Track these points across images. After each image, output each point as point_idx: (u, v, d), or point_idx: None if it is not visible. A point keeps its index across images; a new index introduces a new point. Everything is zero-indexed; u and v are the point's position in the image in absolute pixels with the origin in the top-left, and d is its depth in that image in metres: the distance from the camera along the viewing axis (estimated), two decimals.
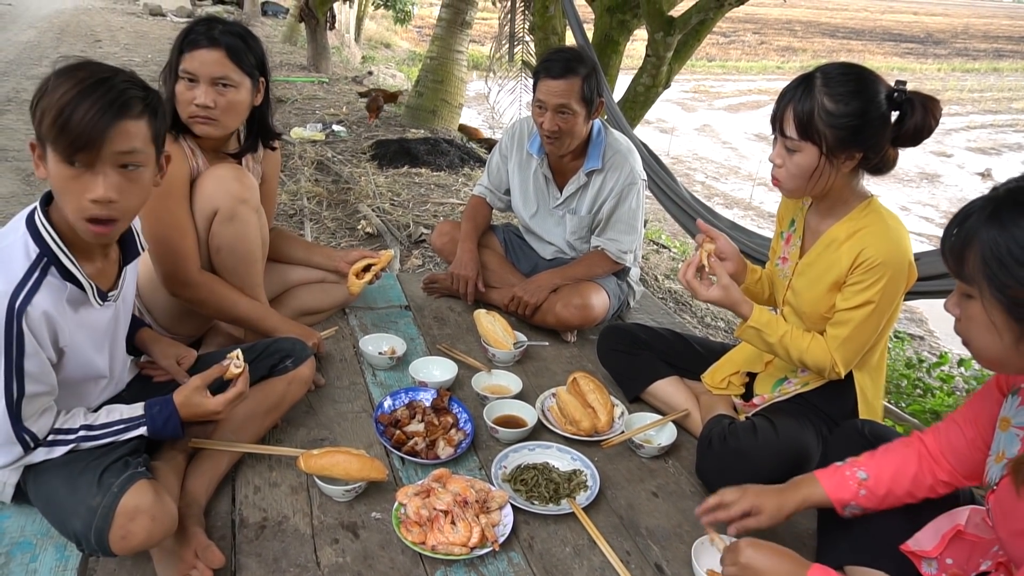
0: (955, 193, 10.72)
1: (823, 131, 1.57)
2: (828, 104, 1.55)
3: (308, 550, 1.56)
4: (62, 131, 1.25)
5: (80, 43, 10.97)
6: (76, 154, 1.27)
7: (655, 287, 4.36)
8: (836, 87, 1.56)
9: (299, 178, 5.19)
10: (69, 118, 1.24)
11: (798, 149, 1.61)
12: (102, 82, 1.28)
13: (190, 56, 1.86)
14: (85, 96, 1.26)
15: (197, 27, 1.89)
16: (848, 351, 1.71)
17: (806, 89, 1.58)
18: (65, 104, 1.25)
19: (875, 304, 1.65)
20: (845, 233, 1.69)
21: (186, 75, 1.86)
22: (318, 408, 2.07)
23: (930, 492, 1.40)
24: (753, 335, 1.78)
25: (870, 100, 1.56)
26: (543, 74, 2.38)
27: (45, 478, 1.41)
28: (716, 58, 23.78)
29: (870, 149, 1.60)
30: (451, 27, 7.75)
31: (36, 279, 1.31)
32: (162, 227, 1.88)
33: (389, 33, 19.60)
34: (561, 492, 1.77)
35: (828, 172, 1.62)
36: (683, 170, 11.36)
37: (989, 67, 26.13)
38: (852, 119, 1.55)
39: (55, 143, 1.27)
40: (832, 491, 1.42)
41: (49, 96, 1.27)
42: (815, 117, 1.56)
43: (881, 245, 1.63)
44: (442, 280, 2.84)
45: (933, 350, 5.11)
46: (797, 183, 1.66)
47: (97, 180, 1.29)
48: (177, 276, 1.94)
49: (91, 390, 1.54)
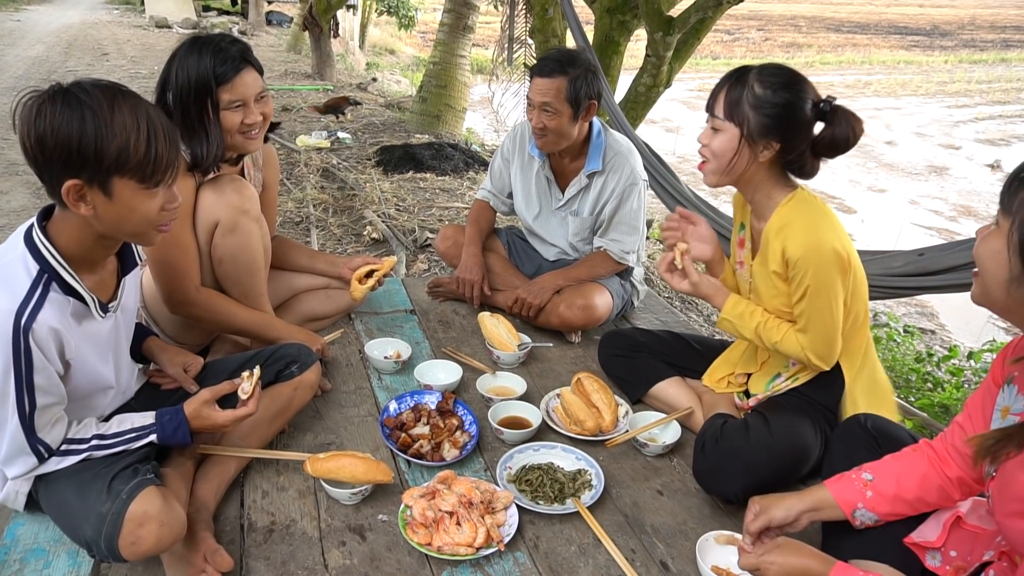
0: (964, 185, 10.64)
1: (747, 113, 1.66)
2: (757, 89, 1.65)
3: (316, 553, 1.58)
4: (155, 159, 1.30)
5: (88, 57, 11.09)
6: (165, 175, 1.35)
7: (661, 286, 4.37)
8: (768, 77, 1.66)
9: (305, 186, 5.24)
10: (157, 145, 1.30)
11: (722, 129, 1.70)
12: (140, 102, 1.32)
13: (230, 86, 1.85)
14: (154, 122, 1.31)
15: (218, 57, 1.83)
16: (814, 342, 1.76)
17: (741, 75, 1.69)
18: (148, 133, 1.29)
19: (812, 288, 1.70)
20: (775, 228, 1.75)
21: (232, 104, 1.87)
22: (325, 413, 2.09)
23: (942, 496, 1.38)
24: (729, 327, 1.87)
25: (796, 96, 1.65)
26: (534, 73, 2.44)
27: (56, 486, 1.44)
28: (721, 56, 23.71)
29: (788, 143, 1.67)
30: (453, 32, 7.78)
31: (40, 295, 1.32)
32: (164, 246, 1.88)
33: (393, 39, 19.67)
34: (566, 492, 1.78)
35: (746, 156, 1.70)
36: (690, 168, 11.33)
37: (997, 57, 25.91)
38: (775, 108, 1.64)
39: (140, 171, 1.30)
40: (839, 495, 1.41)
41: (118, 129, 1.26)
42: (743, 99, 1.66)
43: (799, 240, 1.69)
44: (447, 284, 2.86)
45: (944, 344, 5.08)
46: (718, 163, 1.73)
47: (172, 190, 1.40)
48: (175, 296, 1.95)
49: (99, 400, 1.56)
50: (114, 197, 1.31)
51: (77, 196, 1.30)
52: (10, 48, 11.46)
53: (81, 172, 1.27)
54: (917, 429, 2.88)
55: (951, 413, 3.15)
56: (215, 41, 1.87)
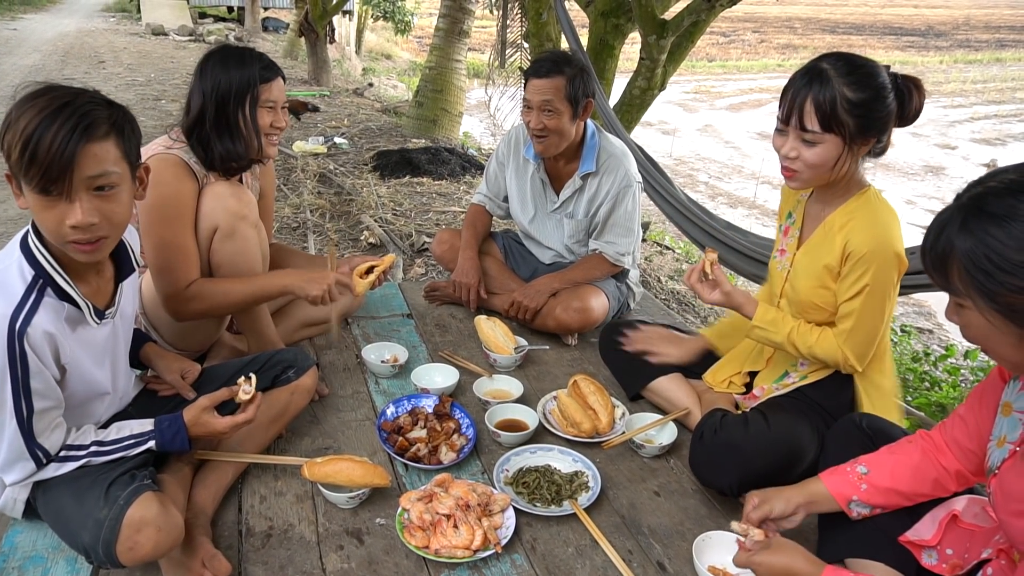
0: (960, 185, 10.62)
1: (846, 120, 1.58)
2: (848, 93, 1.57)
3: (314, 557, 1.59)
4: (31, 164, 1.23)
5: (84, 65, 11.11)
6: (49, 185, 1.25)
7: (658, 288, 4.38)
8: (851, 76, 1.58)
9: (302, 191, 5.24)
10: (36, 150, 1.23)
11: (819, 141, 1.62)
12: (62, 108, 1.26)
13: (269, 87, 1.99)
14: (48, 125, 1.23)
15: (261, 61, 1.99)
16: (857, 342, 1.73)
17: (822, 80, 1.59)
18: (29, 136, 1.23)
19: (871, 287, 1.67)
20: (840, 221, 1.72)
21: (268, 103, 2.00)
22: (322, 417, 2.09)
23: (936, 487, 1.38)
24: (761, 334, 1.82)
25: (881, 85, 1.59)
26: (530, 75, 2.44)
27: (54, 493, 1.44)
28: (716, 58, 23.78)
29: (883, 132, 1.64)
30: (449, 37, 7.80)
31: (34, 300, 1.33)
32: (165, 250, 1.89)
33: (390, 44, 19.72)
34: (563, 493, 1.78)
35: (849, 161, 1.65)
36: (686, 171, 11.37)
37: (991, 57, 26.00)
38: (871, 106, 1.59)
39: (26, 176, 1.26)
40: (834, 487, 1.42)
41: (13, 128, 1.25)
42: (838, 107, 1.58)
43: (867, 235, 1.65)
44: (443, 288, 2.86)
45: (942, 343, 5.10)
46: (815, 172, 1.67)
47: (74, 207, 1.28)
48: (173, 298, 1.94)
49: (96, 406, 1.56)
50: (26, 196, 1.31)
51: (15, 187, 1.32)
52: (6, 57, 11.47)
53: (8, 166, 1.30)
54: (914, 429, 2.89)
55: (948, 412, 3.16)
56: (250, 51, 2.02)
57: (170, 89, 9.35)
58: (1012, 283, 1.00)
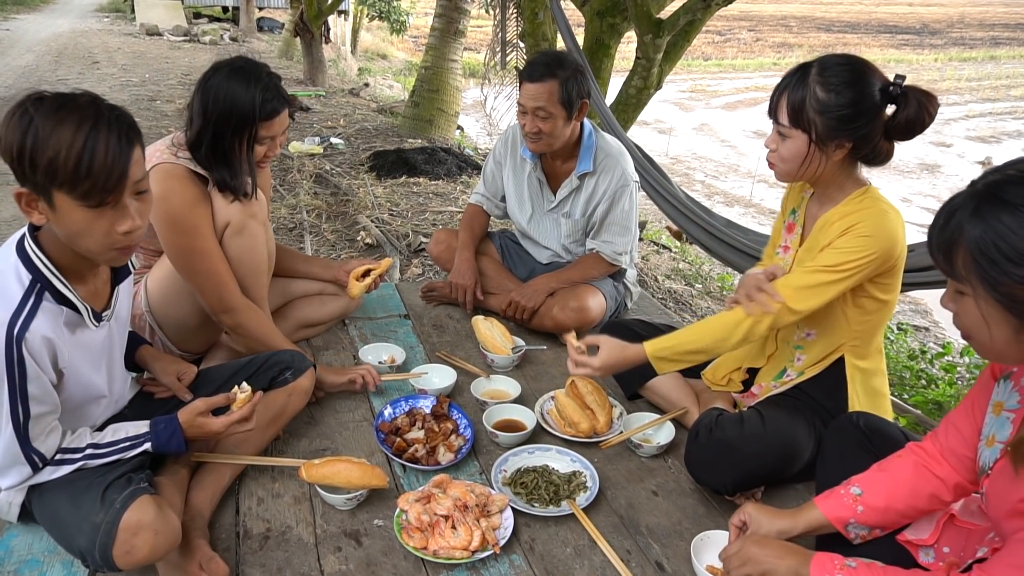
0: (956, 183, 10.70)
1: (813, 119, 1.60)
2: (820, 93, 1.59)
3: (312, 559, 1.58)
4: (87, 177, 1.24)
5: (78, 65, 11.07)
6: (107, 196, 1.27)
7: (655, 287, 4.38)
8: (830, 77, 1.59)
9: (298, 191, 5.24)
10: (91, 164, 1.24)
11: (789, 135, 1.66)
12: (99, 118, 1.27)
13: (270, 124, 1.92)
14: (95, 137, 1.25)
15: (266, 92, 1.87)
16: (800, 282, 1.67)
17: (801, 78, 1.62)
18: (80, 150, 1.23)
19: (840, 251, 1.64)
20: (836, 219, 1.71)
21: (265, 140, 1.96)
22: (319, 419, 2.09)
23: (933, 501, 1.37)
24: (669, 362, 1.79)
25: (863, 91, 1.58)
26: (524, 78, 2.44)
27: (49, 497, 1.44)
28: (712, 57, 23.82)
29: (860, 139, 1.62)
30: (444, 36, 7.79)
31: (32, 305, 1.33)
32: (199, 259, 1.92)
33: (385, 44, 19.70)
34: (561, 494, 1.78)
35: (818, 159, 1.66)
36: (683, 170, 11.39)
37: (986, 55, 26.09)
38: (842, 109, 1.58)
39: (76, 189, 1.25)
40: (830, 512, 1.41)
41: (52, 143, 1.23)
42: (806, 105, 1.60)
43: (873, 221, 1.64)
44: (440, 288, 2.86)
45: (938, 340, 5.11)
46: (788, 167, 1.71)
47: (126, 213, 1.32)
48: (223, 302, 1.96)
49: (92, 409, 1.56)
50: (57, 210, 1.29)
51: (27, 204, 1.31)
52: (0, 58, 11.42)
53: (25, 182, 1.29)
54: (911, 427, 2.90)
55: (944, 410, 3.17)
56: (258, 72, 1.90)
57: (165, 90, 9.33)
58: (1017, 273, 1.00)
